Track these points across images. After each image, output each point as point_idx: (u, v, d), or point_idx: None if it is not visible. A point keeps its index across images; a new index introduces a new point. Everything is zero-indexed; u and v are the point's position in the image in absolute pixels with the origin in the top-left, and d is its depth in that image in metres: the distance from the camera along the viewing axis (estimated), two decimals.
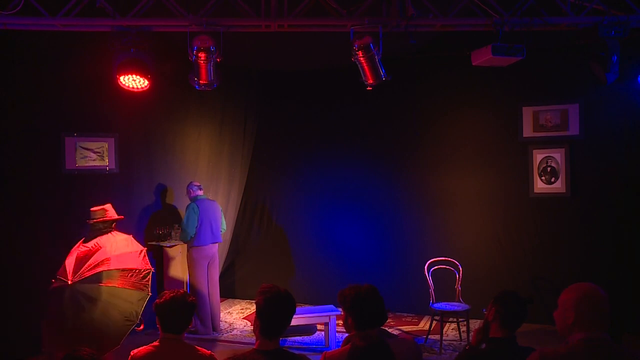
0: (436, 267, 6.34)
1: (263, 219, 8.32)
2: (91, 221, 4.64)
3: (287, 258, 8.07)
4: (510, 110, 6.91)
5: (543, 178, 6.76)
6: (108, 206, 4.76)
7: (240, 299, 8.21)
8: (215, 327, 6.64)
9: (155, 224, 6.91)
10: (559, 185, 6.69)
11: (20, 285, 5.51)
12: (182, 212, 7.15)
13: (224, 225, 6.90)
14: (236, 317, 7.33)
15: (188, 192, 6.65)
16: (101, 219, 4.63)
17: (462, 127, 7.20)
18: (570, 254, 6.61)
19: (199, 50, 4.64)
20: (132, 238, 4.75)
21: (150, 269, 4.47)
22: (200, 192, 6.60)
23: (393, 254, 7.50)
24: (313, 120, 7.98)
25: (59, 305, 4.16)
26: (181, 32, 4.75)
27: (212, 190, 7.60)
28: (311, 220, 7.99)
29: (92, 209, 4.69)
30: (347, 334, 2.86)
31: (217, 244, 6.72)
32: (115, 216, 4.75)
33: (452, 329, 6.58)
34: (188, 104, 7.30)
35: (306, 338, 6.43)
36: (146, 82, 4.83)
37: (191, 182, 6.73)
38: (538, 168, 6.78)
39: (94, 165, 6.31)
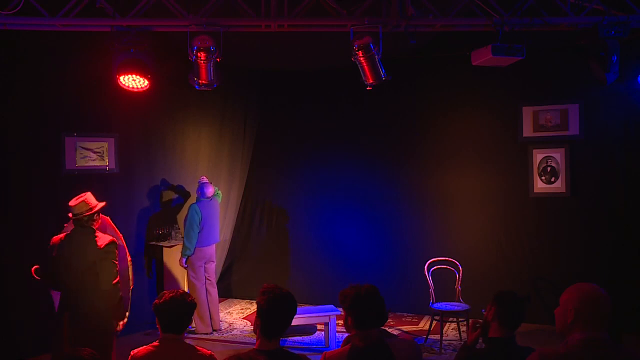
0: (436, 267, 6.34)
1: (263, 219, 8.32)
2: (75, 217, 4.19)
3: (287, 258, 8.07)
4: (510, 110, 6.91)
5: (543, 178, 6.76)
6: (88, 196, 4.27)
7: (240, 298, 8.21)
8: (215, 326, 6.65)
9: (155, 224, 6.91)
10: (559, 185, 6.69)
11: (20, 285, 5.51)
12: (182, 212, 7.16)
13: (219, 195, 6.92)
14: (236, 317, 7.33)
15: (197, 191, 6.61)
16: (87, 213, 4.18)
17: (462, 127, 7.20)
18: (570, 254, 6.61)
19: (199, 50, 4.64)
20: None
21: None
22: (206, 197, 6.58)
23: (393, 254, 7.50)
24: (313, 120, 7.98)
25: None
26: (181, 32, 4.74)
27: None
28: (311, 220, 7.99)
29: (70, 203, 4.21)
30: (347, 334, 2.86)
31: (214, 245, 6.73)
32: (98, 205, 4.27)
33: (452, 329, 6.58)
34: (188, 104, 7.29)
35: (306, 338, 6.43)
36: (146, 82, 4.82)
37: (205, 183, 6.62)
38: (538, 168, 6.79)
39: (94, 165, 6.31)
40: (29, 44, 5.53)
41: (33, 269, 4.60)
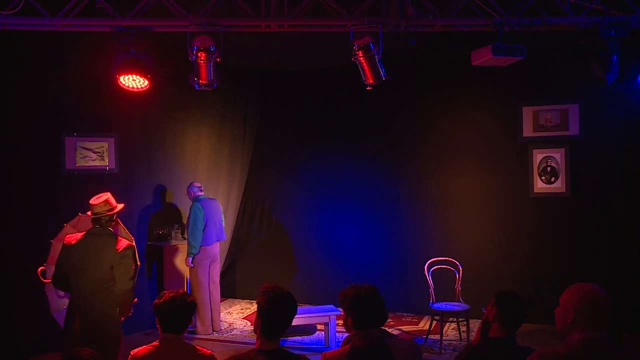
0: (436, 267, 6.34)
1: (263, 219, 8.32)
2: (95, 216, 4.14)
3: (287, 258, 8.07)
4: (510, 110, 6.91)
5: (543, 178, 6.76)
6: (109, 196, 4.24)
7: (241, 298, 8.21)
8: (215, 327, 6.64)
9: (155, 224, 6.91)
10: (559, 185, 6.69)
11: (20, 285, 5.51)
12: (182, 212, 7.17)
13: (224, 223, 6.91)
14: (236, 317, 7.34)
15: (189, 193, 6.64)
16: (108, 213, 4.16)
17: (462, 127, 7.21)
18: (570, 254, 6.61)
19: (199, 50, 4.63)
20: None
21: None
22: (201, 193, 6.61)
23: (393, 254, 7.50)
24: (313, 120, 7.98)
25: None
26: (181, 32, 4.74)
27: (212, 190, 7.60)
28: (311, 220, 7.99)
29: (92, 202, 4.15)
30: (347, 334, 2.86)
31: (218, 243, 6.73)
32: (118, 206, 4.26)
33: (452, 329, 6.58)
34: (188, 104, 7.30)
35: (306, 338, 6.43)
36: (146, 82, 4.82)
37: (192, 182, 6.72)
38: (538, 168, 6.79)
39: (94, 165, 6.31)
40: (29, 44, 5.53)
41: (39, 270, 4.58)
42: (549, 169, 6.74)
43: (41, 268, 4.62)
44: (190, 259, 6.45)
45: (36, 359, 5.59)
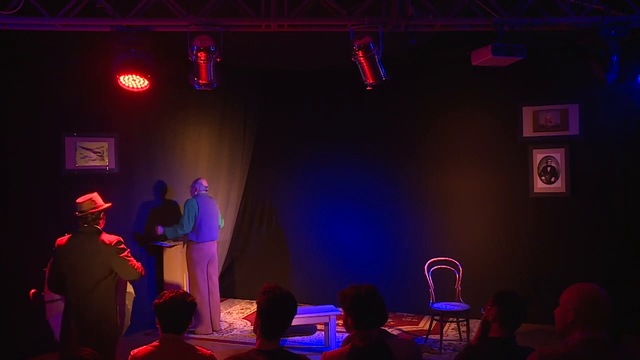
0: (436, 267, 6.34)
1: (263, 219, 8.32)
2: (81, 214, 4.23)
3: (287, 258, 8.07)
4: (510, 110, 6.91)
5: (543, 178, 6.76)
6: (95, 195, 4.38)
7: (240, 298, 8.21)
8: (215, 327, 6.64)
9: (155, 224, 6.90)
10: (559, 185, 6.69)
11: (20, 285, 5.50)
12: (182, 211, 7.16)
13: (222, 221, 6.90)
14: (236, 317, 7.34)
15: (192, 189, 6.61)
16: (92, 210, 4.23)
17: (462, 127, 7.21)
18: (570, 254, 6.61)
19: (199, 50, 4.64)
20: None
21: None
22: (204, 191, 6.59)
23: (393, 253, 7.50)
24: (313, 120, 7.98)
25: None
26: (181, 32, 4.74)
27: (212, 190, 7.57)
28: (311, 220, 7.99)
29: (78, 200, 4.26)
30: (347, 334, 2.86)
31: (215, 242, 6.72)
32: (104, 205, 4.35)
33: (452, 329, 6.59)
34: (188, 104, 7.30)
35: (306, 338, 6.43)
36: (146, 82, 4.82)
37: (199, 180, 6.68)
38: (538, 168, 6.79)
39: (94, 165, 6.31)
40: (29, 44, 5.53)
41: (31, 292, 4.51)
42: (549, 169, 6.74)
43: (33, 291, 4.55)
44: (161, 231, 6.48)
45: (36, 359, 5.59)
